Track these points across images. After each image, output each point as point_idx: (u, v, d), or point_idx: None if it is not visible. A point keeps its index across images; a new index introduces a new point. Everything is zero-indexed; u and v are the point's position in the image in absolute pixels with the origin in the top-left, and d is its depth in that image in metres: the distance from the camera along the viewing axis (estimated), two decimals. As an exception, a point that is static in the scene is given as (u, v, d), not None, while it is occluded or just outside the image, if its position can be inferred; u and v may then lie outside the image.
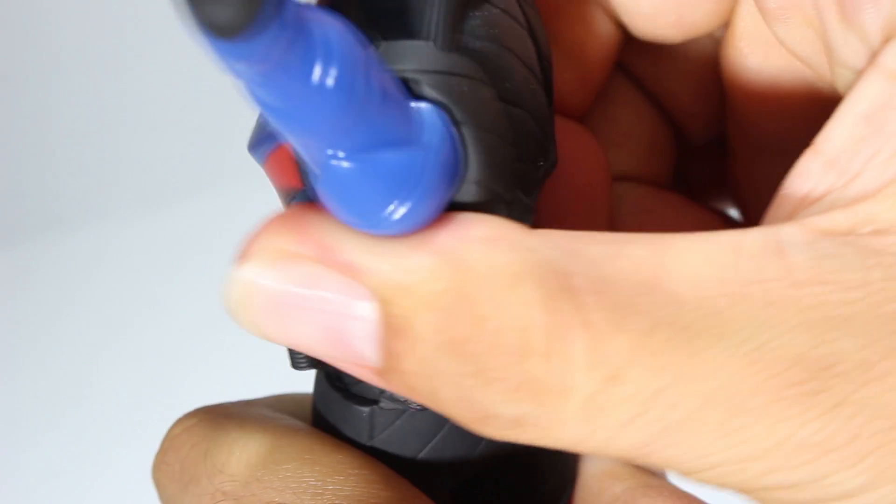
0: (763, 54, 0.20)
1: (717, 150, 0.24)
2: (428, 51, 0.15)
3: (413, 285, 0.14)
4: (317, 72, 0.12)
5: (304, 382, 0.21)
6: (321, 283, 0.14)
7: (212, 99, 0.79)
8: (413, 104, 0.15)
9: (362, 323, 0.14)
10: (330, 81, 0.12)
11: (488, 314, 0.13)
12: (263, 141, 0.16)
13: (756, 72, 0.20)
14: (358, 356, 0.14)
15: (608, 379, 0.13)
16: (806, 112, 0.19)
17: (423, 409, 0.18)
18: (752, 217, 0.23)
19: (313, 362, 0.18)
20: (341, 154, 0.14)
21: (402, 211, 0.14)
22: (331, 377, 0.19)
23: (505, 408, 0.13)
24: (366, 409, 0.18)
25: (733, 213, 0.24)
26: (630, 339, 0.13)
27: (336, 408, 0.19)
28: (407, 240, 0.14)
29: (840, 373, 0.12)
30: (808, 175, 0.14)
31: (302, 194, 0.16)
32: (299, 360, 0.18)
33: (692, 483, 0.14)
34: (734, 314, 0.13)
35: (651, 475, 0.21)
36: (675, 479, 0.21)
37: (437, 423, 0.18)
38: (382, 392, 0.18)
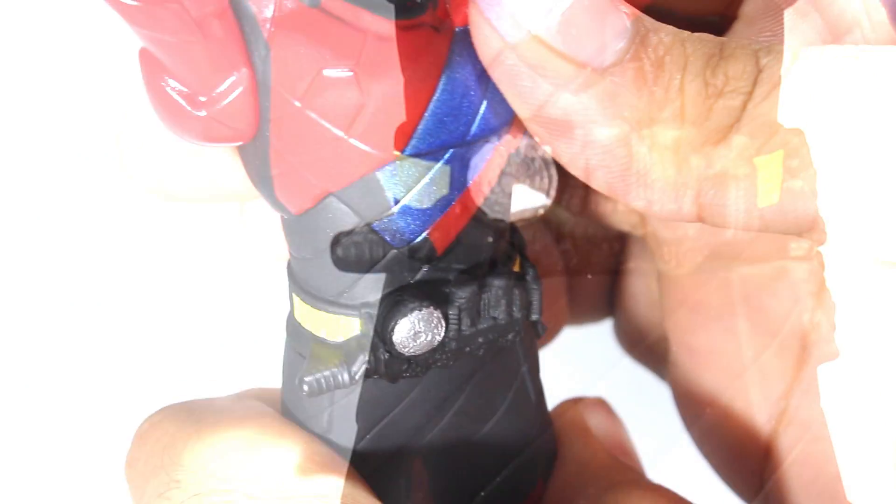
0: None
1: None
2: None
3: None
4: None
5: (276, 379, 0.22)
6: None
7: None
8: None
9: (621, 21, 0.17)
10: None
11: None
12: None
13: None
14: (601, 39, 0.17)
15: None
16: None
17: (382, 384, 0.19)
18: None
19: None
20: None
21: None
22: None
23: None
24: (325, 401, 0.20)
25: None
26: None
27: (295, 398, 0.20)
28: None
29: None
30: None
31: None
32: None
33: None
34: None
35: (633, 470, 0.22)
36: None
37: (396, 393, 0.20)
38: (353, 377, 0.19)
